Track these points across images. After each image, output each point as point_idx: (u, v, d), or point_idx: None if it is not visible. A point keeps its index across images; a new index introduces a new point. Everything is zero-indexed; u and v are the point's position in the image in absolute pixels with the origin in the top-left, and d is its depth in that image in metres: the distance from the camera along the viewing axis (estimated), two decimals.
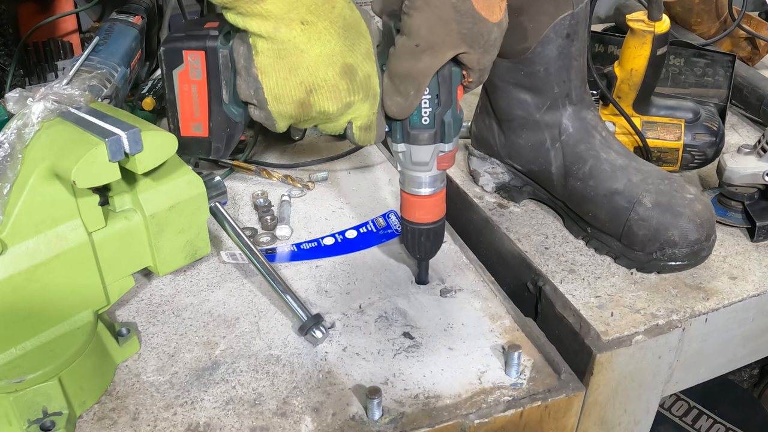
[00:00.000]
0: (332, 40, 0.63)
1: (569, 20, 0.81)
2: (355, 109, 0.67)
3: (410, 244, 0.79)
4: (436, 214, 0.76)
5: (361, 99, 0.66)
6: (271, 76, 0.64)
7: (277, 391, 0.68)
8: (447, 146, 0.71)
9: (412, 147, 0.71)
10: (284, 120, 0.67)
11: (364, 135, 0.70)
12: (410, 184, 0.74)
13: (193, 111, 0.68)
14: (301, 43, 0.62)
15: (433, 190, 0.74)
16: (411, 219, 0.76)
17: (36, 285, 0.63)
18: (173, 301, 0.79)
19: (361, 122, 0.68)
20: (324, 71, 0.64)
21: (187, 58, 0.66)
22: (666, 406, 1.41)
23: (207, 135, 0.69)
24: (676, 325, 0.76)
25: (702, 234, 0.80)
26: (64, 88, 0.67)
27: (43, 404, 0.62)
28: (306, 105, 0.65)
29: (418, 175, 0.73)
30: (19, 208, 0.61)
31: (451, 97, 0.69)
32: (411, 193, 0.75)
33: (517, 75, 0.85)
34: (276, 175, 1.00)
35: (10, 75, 1.08)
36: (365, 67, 0.65)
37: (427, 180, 0.74)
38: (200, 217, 0.72)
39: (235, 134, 0.70)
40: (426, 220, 0.76)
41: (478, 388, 0.68)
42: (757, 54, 1.34)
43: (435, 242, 0.78)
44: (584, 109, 0.87)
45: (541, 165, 0.89)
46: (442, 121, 0.70)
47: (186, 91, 0.68)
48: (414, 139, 0.71)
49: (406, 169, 0.74)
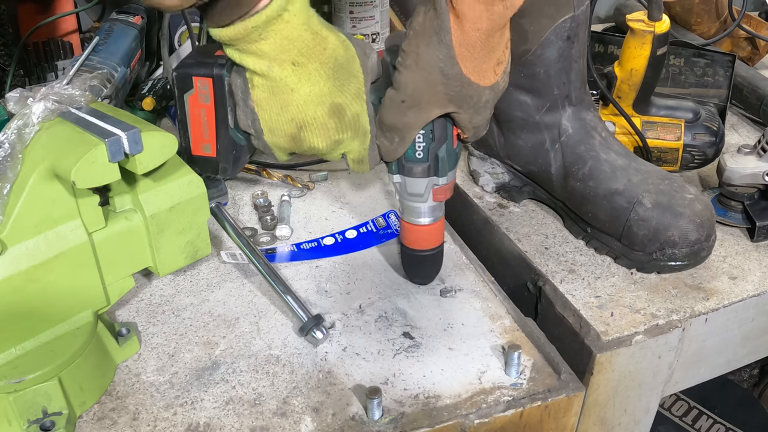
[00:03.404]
0: (321, 80, 0.65)
1: (570, 23, 0.81)
2: (346, 145, 0.69)
3: (409, 269, 0.81)
4: (435, 242, 0.78)
5: (350, 137, 0.68)
6: (265, 109, 0.66)
7: (277, 391, 0.68)
8: (441, 180, 0.72)
9: (406, 179, 0.73)
10: (281, 151, 0.70)
11: (358, 166, 0.72)
12: (408, 213, 0.76)
13: (202, 133, 0.71)
14: (292, 83, 0.64)
15: (431, 220, 0.76)
16: (411, 246, 0.78)
17: (36, 285, 0.63)
18: (173, 301, 0.79)
19: (353, 156, 0.71)
20: (313, 110, 0.65)
21: (196, 83, 0.69)
22: (666, 406, 1.41)
23: (215, 156, 0.72)
24: (676, 325, 0.76)
25: (702, 234, 0.80)
26: (65, 88, 0.67)
27: (43, 404, 0.62)
28: (297, 140, 0.67)
29: (415, 205, 0.75)
30: (19, 208, 0.61)
31: (445, 133, 0.70)
32: (410, 222, 0.76)
33: (517, 77, 0.85)
34: (276, 175, 1.00)
35: (10, 75, 1.08)
36: (354, 106, 0.67)
37: (424, 210, 0.75)
38: (201, 218, 0.72)
39: (241, 156, 0.73)
40: (425, 247, 0.77)
41: (478, 388, 0.68)
42: (757, 54, 1.34)
43: (433, 268, 0.80)
44: (584, 110, 0.87)
45: (541, 166, 0.89)
46: (436, 156, 0.71)
47: (196, 114, 0.70)
48: (408, 171, 0.72)
49: (403, 198, 0.75)
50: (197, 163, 0.72)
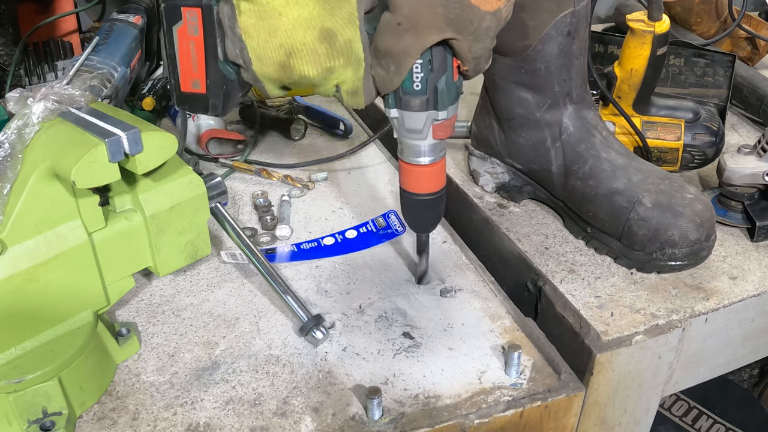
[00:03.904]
0: (310, 4, 0.62)
1: (570, 18, 0.80)
2: (338, 75, 0.66)
3: (410, 216, 0.76)
4: (437, 185, 0.73)
5: (343, 65, 0.65)
6: (253, 37, 0.63)
7: (277, 391, 0.68)
8: (441, 114, 0.68)
9: (404, 113, 0.68)
10: (271, 83, 0.67)
11: (352, 99, 0.68)
12: (407, 152, 0.71)
13: (191, 67, 0.68)
14: (279, 6, 0.62)
15: (431, 159, 0.71)
16: (410, 189, 0.73)
17: (36, 285, 0.63)
18: (173, 301, 0.79)
19: (347, 87, 0.67)
20: (302, 35, 0.63)
21: (185, 14, 0.66)
22: (666, 406, 1.41)
23: (204, 92, 0.69)
24: (676, 325, 0.76)
25: (702, 234, 0.80)
26: (65, 88, 0.67)
27: (43, 404, 0.62)
28: (287, 68, 0.65)
29: (414, 143, 0.70)
30: (19, 208, 0.61)
31: (445, 63, 0.66)
32: (409, 162, 0.72)
33: (517, 73, 0.85)
34: (276, 175, 1.00)
35: (10, 75, 1.08)
36: (346, 32, 0.63)
37: (424, 148, 0.70)
38: (201, 218, 0.72)
39: (231, 92, 0.70)
40: (426, 190, 0.73)
41: (478, 388, 0.68)
42: (757, 54, 1.34)
43: (435, 214, 0.75)
44: (585, 109, 0.87)
45: (542, 164, 0.89)
46: (435, 88, 0.66)
47: (185, 47, 0.68)
48: (406, 105, 0.68)
49: (401, 136, 0.71)
50: (186, 100, 0.69)
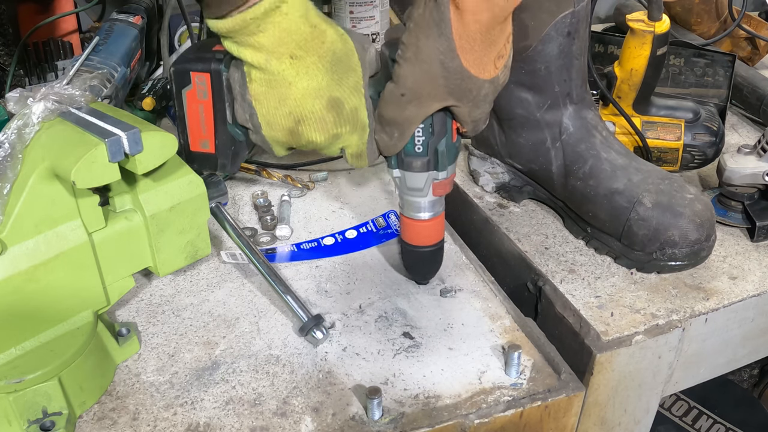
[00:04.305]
0: (319, 74, 0.65)
1: (570, 18, 0.81)
2: (344, 140, 0.69)
3: (410, 265, 0.80)
4: (435, 237, 0.77)
5: (349, 131, 0.68)
6: (263, 103, 0.66)
7: (277, 391, 0.68)
8: (441, 174, 0.72)
9: (406, 173, 0.72)
10: (279, 145, 0.69)
11: (356, 161, 0.71)
12: (408, 208, 0.75)
13: (200, 128, 0.71)
14: (290, 76, 0.64)
15: (431, 215, 0.75)
16: (411, 242, 0.77)
17: (36, 285, 0.63)
18: (173, 301, 0.79)
19: (351, 150, 0.70)
20: (311, 104, 0.65)
21: (194, 79, 0.68)
22: (666, 406, 1.41)
23: (213, 152, 0.71)
24: (676, 325, 0.76)
25: (702, 234, 0.80)
26: (65, 88, 0.67)
27: (43, 404, 0.62)
28: (296, 134, 0.67)
29: (415, 200, 0.74)
30: (19, 208, 0.61)
31: (445, 127, 0.69)
32: (410, 217, 0.75)
33: (517, 73, 0.85)
34: (276, 175, 1.00)
35: (10, 75, 1.08)
36: (352, 100, 0.67)
37: (424, 205, 0.74)
38: (201, 218, 0.72)
39: (239, 152, 0.72)
40: (425, 243, 0.77)
41: (478, 388, 0.68)
42: (757, 54, 1.34)
43: (434, 264, 0.79)
44: (585, 109, 0.87)
45: (542, 164, 0.89)
46: (435, 150, 0.70)
47: (194, 110, 0.70)
48: (407, 166, 0.71)
49: (402, 194, 0.74)
50: (195, 159, 0.72)
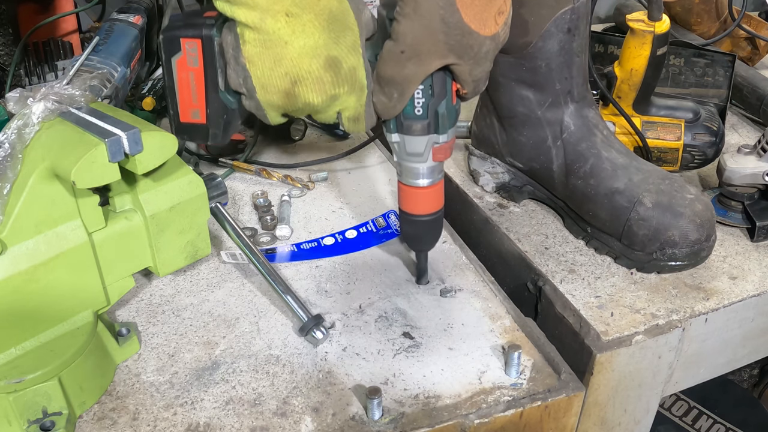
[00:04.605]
0: (316, 32, 0.63)
1: (570, 14, 0.81)
2: (342, 102, 0.67)
3: (409, 236, 0.78)
4: (435, 206, 0.75)
5: (347, 92, 0.66)
6: (257, 65, 0.64)
7: (277, 391, 0.68)
8: (441, 137, 0.69)
9: (405, 137, 0.70)
10: (274, 110, 0.67)
11: (353, 125, 0.69)
12: (407, 175, 0.73)
13: (191, 97, 0.69)
14: (286, 35, 0.62)
15: (430, 182, 0.73)
16: (409, 211, 0.75)
17: (36, 285, 0.63)
18: (173, 301, 0.79)
19: (349, 113, 0.68)
20: (308, 63, 0.64)
21: (184, 46, 0.67)
22: (666, 406, 1.41)
23: (204, 121, 0.69)
24: (676, 325, 0.76)
25: (702, 234, 0.80)
26: (65, 88, 0.67)
27: (43, 404, 0.62)
28: (292, 96, 0.65)
29: (414, 166, 0.72)
30: (19, 208, 0.61)
31: (445, 88, 0.67)
32: (408, 184, 0.73)
33: (518, 71, 0.85)
34: (276, 175, 1.00)
35: (10, 75, 1.08)
36: (350, 59, 0.65)
37: (423, 171, 0.72)
38: (201, 218, 0.72)
39: (232, 121, 0.70)
40: (424, 211, 0.74)
41: (478, 388, 0.68)
42: (757, 54, 1.34)
43: (433, 234, 0.77)
44: (586, 107, 0.87)
45: (543, 163, 0.89)
46: (435, 112, 0.68)
47: (184, 79, 0.68)
48: (407, 129, 0.69)
49: (401, 159, 0.72)
50: (186, 131, 0.70)
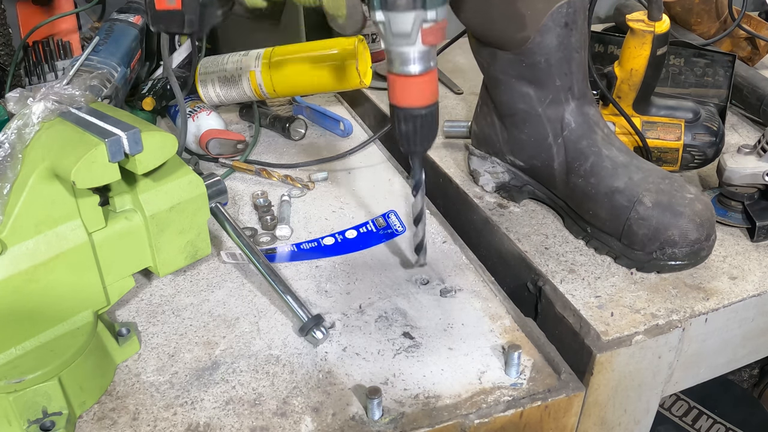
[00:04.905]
0: None
1: (566, 8, 0.80)
2: None
3: (401, 133, 0.71)
4: (428, 98, 0.69)
5: None
6: None
7: (277, 391, 0.68)
8: (430, 14, 0.64)
9: (390, 15, 0.64)
10: None
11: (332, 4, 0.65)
12: (396, 62, 0.67)
13: None
14: None
15: (422, 69, 0.66)
16: (400, 104, 0.69)
17: (36, 285, 0.63)
18: (173, 301, 0.79)
19: None
20: None
21: None
22: (666, 406, 1.41)
23: (180, 7, 0.66)
24: (676, 325, 0.76)
25: (702, 234, 0.80)
26: (65, 88, 0.67)
27: (43, 404, 0.62)
28: None
29: (403, 50, 0.66)
30: (19, 208, 0.61)
31: None
32: (398, 72, 0.67)
33: (518, 67, 0.85)
34: (276, 175, 1.00)
35: (10, 75, 1.08)
36: None
37: (414, 55, 0.66)
38: (201, 218, 0.72)
39: (209, 7, 0.67)
40: (417, 103, 0.68)
41: (478, 388, 0.68)
42: (757, 54, 1.34)
43: (428, 131, 0.71)
44: (586, 105, 0.87)
45: (544, 161, 0.89)
46: None
47: None
48: (392, 4, 0.63)
49: (389, 45, 0.66)
50: (161, 19, 0.67)
